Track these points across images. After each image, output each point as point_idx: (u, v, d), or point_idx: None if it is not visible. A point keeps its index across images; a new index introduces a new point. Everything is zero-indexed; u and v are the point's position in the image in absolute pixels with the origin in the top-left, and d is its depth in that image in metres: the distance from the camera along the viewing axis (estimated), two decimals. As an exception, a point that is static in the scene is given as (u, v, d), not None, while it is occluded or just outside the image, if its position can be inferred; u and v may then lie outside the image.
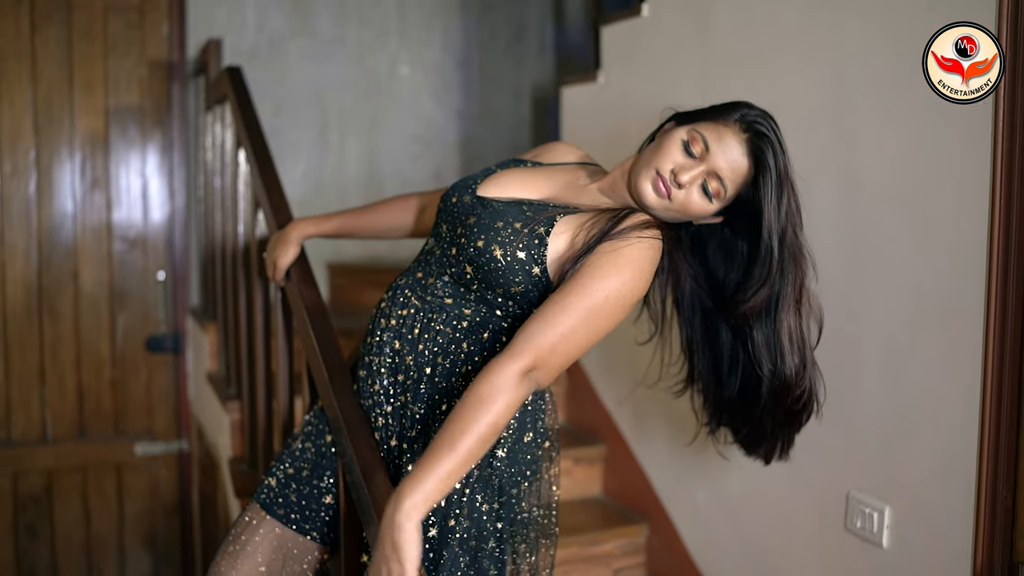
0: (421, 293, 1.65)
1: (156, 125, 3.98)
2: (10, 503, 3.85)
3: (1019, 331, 1.74)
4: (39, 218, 3.82)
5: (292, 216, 2.27)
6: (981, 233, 1.79)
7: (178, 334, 4.04)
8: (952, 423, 1.87)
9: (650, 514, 2.88)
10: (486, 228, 1.54)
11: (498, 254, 1.52)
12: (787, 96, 2.30)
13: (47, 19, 3.76)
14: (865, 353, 2.09)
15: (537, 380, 1.44)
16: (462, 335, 1.61)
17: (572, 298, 1.44)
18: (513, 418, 1.61)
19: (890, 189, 2.01)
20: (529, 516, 1.69)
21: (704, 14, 2.60)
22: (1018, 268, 1.73)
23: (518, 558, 1.69)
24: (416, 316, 1.64)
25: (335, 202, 4.11)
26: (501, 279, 1.53)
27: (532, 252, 1.52)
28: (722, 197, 1.53)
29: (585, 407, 3.22)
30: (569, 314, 1.43)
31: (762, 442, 1.81)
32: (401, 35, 4.31)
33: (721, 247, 1.67)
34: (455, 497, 1.58)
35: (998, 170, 1.75)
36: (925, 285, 1.93)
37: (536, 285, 1.54)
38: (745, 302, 1.58)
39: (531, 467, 1.66)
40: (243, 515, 1.81)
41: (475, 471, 1.59)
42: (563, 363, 1.46)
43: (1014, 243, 1.73)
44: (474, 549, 1.60)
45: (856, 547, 2.12)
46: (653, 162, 1.53)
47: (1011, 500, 1.77)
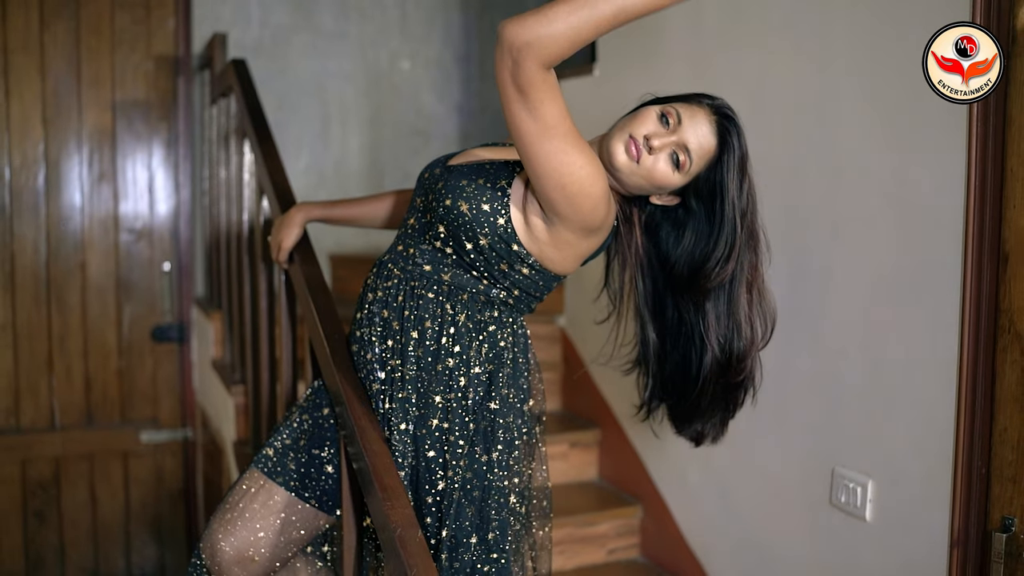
0: (403, 264, 1.75)
1: (162, 119, 4.05)
2: (19, 489, 3.92)
3: (993, 308, 1.81)
4: (48, 210, 3.90)
5: (296, 201, 2.35)
6: (957, 215, 1.86)
7: (183, 324, 4.12)
8: (930, 398, 1.95)
9: (644, 496, 2.95)
10: (452, 187, 1.64)
11: (464, 208, 1.62)
12: (774, 82, 2.38)
13: (56, 14, 3.84)
14: (848, 331, 2.16)
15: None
16: (444, 297, 1.70)
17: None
18: (506, 379, 1.71)
19: (870, 171, 2.09)
20: (524, 475, 1.78)
21: (696, 7, 2.67)
22: (991, 248, 1.81)
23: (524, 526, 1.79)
24: (400, 285, 1.73)
25: (336, 194, 4.18)
26: (469, 232, 1.63)
27: (495, 204, 1.62)
28: (686, 170, 1.62)
29: (581, 393, 3.29)
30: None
31: (695, 419, 1.87)
32: (402, 30, 4.38)
33: (674, 228, 1.75)
34: (459, 451, 1.67)
35: (973, 153, 1.82)
36: (903, 264, 2.01)
37: (502, 237, 1.63)
38: (709, 277, 1.67)
39: (519, 417, 1.75)
40: (239, 483, 1.85)
41: (472, 425, 1.68)
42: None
43: (988, 225, 1.81)
44: (479, 500, 1.68)
45: (841, 521, 2.20)
46: (628, 127, 1.62)
47: (985, 471, 1.84)
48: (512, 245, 1.63)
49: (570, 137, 1.48)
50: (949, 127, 1.87)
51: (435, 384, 1.70)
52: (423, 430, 1.70)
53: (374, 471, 1.62)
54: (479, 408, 1.70)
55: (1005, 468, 1.80)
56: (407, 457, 1.71)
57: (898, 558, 2.05)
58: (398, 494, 1.61)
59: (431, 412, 1.70)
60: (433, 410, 1.70)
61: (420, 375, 1.71)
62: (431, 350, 1.71)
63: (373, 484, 1.61)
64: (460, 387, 1.69)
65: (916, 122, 1.97)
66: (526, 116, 1.45)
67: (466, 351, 1.70)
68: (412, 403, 1.70)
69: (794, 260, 2.31)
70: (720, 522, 2.63)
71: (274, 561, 1.81)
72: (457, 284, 1.70)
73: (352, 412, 1.71)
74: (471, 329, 1.70)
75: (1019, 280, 1.76)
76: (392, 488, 1.61)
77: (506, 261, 1.65)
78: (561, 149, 1.47)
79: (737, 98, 2.47)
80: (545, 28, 1.36)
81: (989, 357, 1.83)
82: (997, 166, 1.79)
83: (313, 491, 1.81)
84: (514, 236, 1.63)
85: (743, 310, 1.72)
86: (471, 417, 1.70)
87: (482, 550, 1.69)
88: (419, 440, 1.70)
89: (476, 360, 1.70)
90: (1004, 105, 1.78)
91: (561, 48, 1.38)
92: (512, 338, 1.75)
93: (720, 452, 2.58)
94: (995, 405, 1.82)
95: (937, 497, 1.94)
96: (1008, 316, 1.78)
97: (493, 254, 1.65)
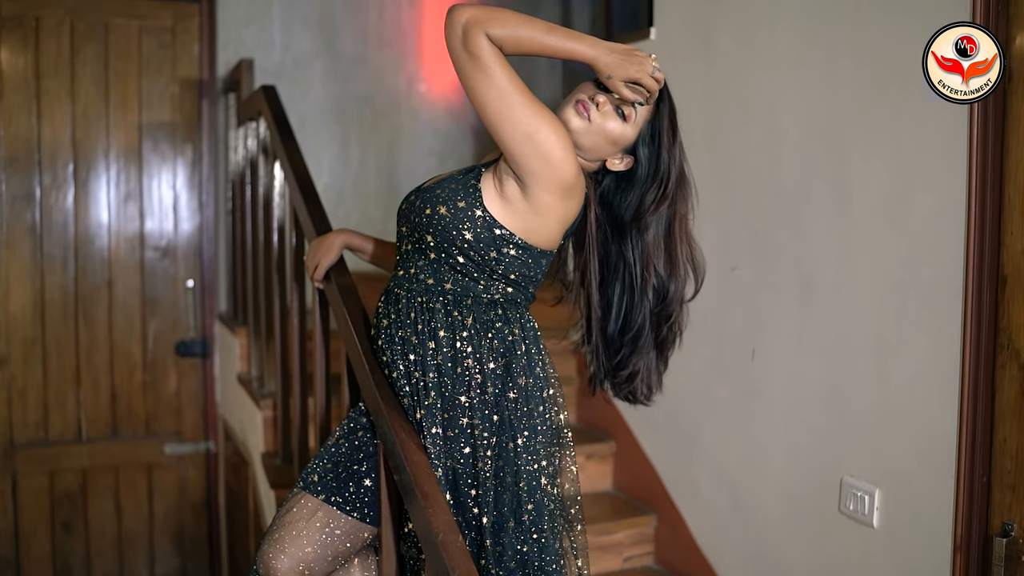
0: (408, 284, 1.88)
1: (186, 140, 4.19)
2: (47, 500, 4.04)
3: (992, 327, 1.94)
4: (76, 228, 4.03)
5: (330, 226, 2.47)
6: (959, 239, 1.99)
7: (206, 339, 4.24)
8: (934, 411, 2.07)
9: (658, 505, 3.06)
10: (428, 198, 1.81)
11: (443, 211, 1.77)
12: (784, 113, 2.50)
13: (86, 40, 3.98)
14: (855, 347, 2.28)
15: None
16: (451, 306, 1.84)
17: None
18: (521, 369, 1.85)
19: (877, 196, 2.21)
20: (554, 458, 1.90)
21: (708, 38, 2.80)
22: (991, 270, 1.93)
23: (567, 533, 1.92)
24: (409, 304, 1.87)
25: (355, 213, 4.31)
26: (453, 231, 1.77)
27: (469, 199, 1.77)
28: (633, 120, 1.78)
29: (596, 406, 3.41)
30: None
31: (632, 377, 2.01)
32: (419, 55, 4.52)
33: (623, 188, 1.90)
34: (488, 442, 1.81)
35: (972, 181, 1.95)
36: (908, 284, 2.13)
37: (485, 227, 1.77)
38: (648, 210, 1.84)
39: (541, 403, 1.88)
40: (286, 505, 1.95)
41: (496, 416, 1.82)
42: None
43: (987, 249, 1.93)
44: (512, 485, 1.81)
45: (849, 528, 2.31)
46: (573, 96, 1.80)
47: (987, 479, 1.96)
48: (495, 230, 1.77)
49: (527, 95, 1.67)
50: (950, 156, 2.00)
51: (458, 386, 1.82)
52: (454, 431, 1.82)
53: (415, 480, 1.73)
54: (500, 400, 1.83)
55: (1005, 476, 1.92)
56: (442, 459, 1.82)
57: (904, 563, 2.17)
58: (438, 501, 1.71)
59: (460, 412, 1.82)
60: (462, 410, 1.82)
61: (443, 380, 1.83)
62: (449, 356, 1.83)
63: (415, 492, 1.71)
64: (479, 384, 1.82)
65: (920, 150, 2.09)
66: (482, 79, 1.64)
67: (479, 350, 1.82)
68: (439, 407, 1.83)
69: (804, 279, 2.44)
70: (732, 530, 2.74)
71: (325, 574, 1.92)
72: (461, 291, 1.83)
73: (392, 423, 1.82)
74: (479, 329, 1.83)
75: (1017, 301, 1.88)
76: (432, 496, 1.72)
77: (494, 247, 1.79)
78: (522, 104, 1.66)
79: (752, 126, 2.60)
80: (497, 22, 1.64)
81: (989, 372, 1.95)
82: (995, 194, 1.92)
83: (355, 504, 1.92)
84: (495, 221, 1.77)
85: (679, 253, 1.88)
86: (493, 410, 1.82)
87: (520, 531, 1.82)
88: (451, 441, 1.82)
89: (489, 356, 1.83)
90: (1002, 137, 1.90)
91: (502, 39, 1.64)
92: (521, 331, 1.87)
93: (732, 463, 2.71)
94: (995, 417, 1.94)
95: (941, 504, 2.05)
96: (1007, 334, 1.91)
97: (480, 244, 1.78)
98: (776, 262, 2.55)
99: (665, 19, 3.04)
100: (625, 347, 1.96)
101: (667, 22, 3.03)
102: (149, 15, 4.08)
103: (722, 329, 2.76)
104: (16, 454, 3.98)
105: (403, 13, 4.48)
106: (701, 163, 2.82)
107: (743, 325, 2.68)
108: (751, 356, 2.63)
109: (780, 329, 2.54)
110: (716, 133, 2.77)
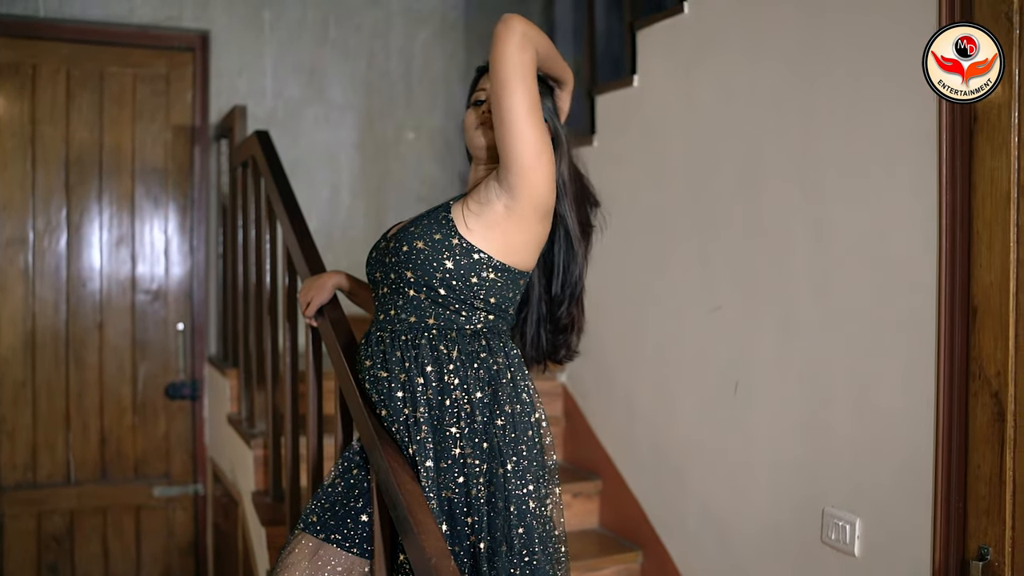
0: (390, 326, 1.95)
1: (178, 185, 4.26)
2: (34, 542, 4.04)
3: (964, 357, 2.01)
4: (68, 272, 4.08)
5: (324, 266, 2.54)
6: (931, 272, 2.07)
7: (196, 382, 4.28)
8: (911, 440, 2.13)
9: (644, 542, 3.10)
10: (402, 237, 1.90)
11: (420, 245, 1.86)
12: (763, 156, 2.60)
13: (82, 87, 4.07)
14: (836, 380, 2.35)
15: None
16: (436, 340, 1.90)
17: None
18: (508, 396, 1.92)
19: (853, 235, 2.30)
20: (540, 480, 1.96)
21: (690, 85, 2.91)
22: (962, 302, 2.01)
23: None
24: (393, 344, 1.93)
25: (343, 256, 4.38)
26: (434, 262, 1.85)
27: (444, 230, 1.86)
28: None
29: (582, 446, 3.46)
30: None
31: (569, 331, 2.14)
32: (407, 103, 4.64)
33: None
34: (479, 470, 1.86)
35: (943, 218, 2.04)
36: (885, 318, 2.21)
37: (463, 253, 1.86)
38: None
39: (528, 429, 1.94)
40: (287, 546, 2.00)
41: (485, 444, 1.87)
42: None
43: (958, 282, 2.02)
44: (503, 511, 1.86)
45: (832, 558, 2.36)
46: (468, 128, 2.00)
47: (962, 505, 2.02)
48: (473, 255, 1.86)
49: (542, 118, 1.81)
50: (922, 195, 2.09)
51: (448, 418, 1.88)
52: (447, 461, 1.87)
53: (408, 508, 1.78)
54: (488, 427, 1.88)
55: (980, 502, 1.98)
56: (435, 490, 1.87)
57: (885, 590, 2.22)
58: (430, 528, 1.76)
59: (452, 443, 1.87)
60: (453, 440, 1.87)
61: (432, 413, 1.89)
62: (437, 389, 1.89)
63: (408, 520, 1.76)
64: (468, 414, 1.88)
65: (892, 189, 2.18)
66: (521, 87, 1.74)
67: (465, 380, 1.89)
68: (431, 440, 1.88)
69: (785, 315, 2.51)
70: (718, 563, 2.79)
71: None
72: (444, 324, 1.90)
73: (385, 453, 1.87)
74: (465, 361, 1.90)
75: (987, 330, 1.96)
76: (424, 523, 1.77)
77: (474, 272, 1.87)
78: (538, 124, 1.79)
79: (732, 169, 2.69)
80: (544, 44, 1.82)
81: (963, 401, 2.02)
82: (964, 229, 2.01)
83: (353, 540, 1.97)
84: (472, 246, 1.85)
85: (584, 181, 2.07)
86: (483, 438, 1.88)
87: (512, 554, 1.86)
88: (445, 472, 1.87)
89: (476, 386, 1.89)
90: (969, 174, 1.99)
91: (540, 59, 1.83)
92: (505, 359, 1.94)
93: (718, 497, 2.76)
94: (969, 445, 2.01)
95: (920, 531, 2.11)
96: (978, 363, 1.98)
97: (460, 271, 1.86)
98: (757, 300, 2.63)
99: (647, 67, 3.15)
100: (565, 300, 2.09)
101: (649, 70, 3.14)
102: (144, 63, 4.18)
103: (706, 367, 2.83)
104: (3, 496, 3.98)
105: (391, 62, 4.60)
106: (684, 206, 2.92)
107: (727, 362, 2.75)
108: (734, 390, 2.70)
109: (762, 365, 2.61)
110: (698, 177, 2.87)
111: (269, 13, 4.33)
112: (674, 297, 2.97)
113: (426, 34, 4.67)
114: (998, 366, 1.95)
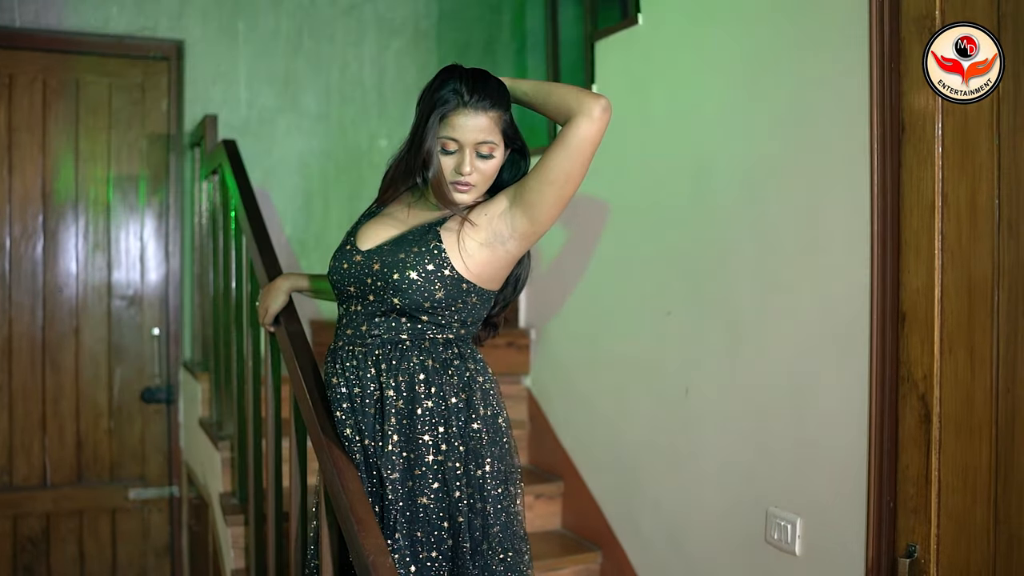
0: (360, 342, 1.99)
1: (154, 192, 4.32)
2: (9, 545, 4.09)
3: (895, 361, 2.08)
4: (45, 278, 4.14)
5: (282, 271, 2.59)
6: (864, 279, 2.14)
7: (171, 386, 4.33)
8: (848, 442, 2.20)
9: (603, 543, 3.16)
10: (392, 264, 1.92)
11: (414, 275, 1.89)
12: (712, 167, 2.66)
13: (58, 96, 4.13)
14: (779, 385, 2.42)
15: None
16: (408, 351, 1.95)
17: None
18: (481, 399, 1.98)
19: (793, 244, 2.37)
20: (513, 478, 2.03)
21: (645, 97, 2.97)
22: (892, 307, 2.08)
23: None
24: (365, 360, 1.98)
25: (317, 263, 4.44)
26: (425, 292, 1.89)
27: (437, 261, 1.90)
28: (497, 147, 1.93)
29: (546, 449, 3.52)
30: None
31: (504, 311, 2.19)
32: (380, 112, 4.70)
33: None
34: (458, 472, 1.92)
35: (874, 227, 2.10)
36: (823, 324, 2.27)
37: (454, 284, 1.91)
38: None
39: (500, 429, 2.01)
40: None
41: (462, 448, 1.93)
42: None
43: (888, 288, 2.08)
44: (482, 511, 1.94)
45: (775, 556, 2.42)
46: (441, 179, 1.90)
47: (892, 504, 2.09)
48: (462, 285, 1.92)
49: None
50: (855, 204, 2.16)
51: (420, 426, 1.92)
52: (421, 468, 1.92)
53: (350, 506, 1.83)
54: (464, 431, 1.95)
55: (908, 501, 2.05)
56: (404, 501, 1.92)
57: (824, 588, 2.28)
58: (370, 526, 1.81)
59: (425, 451, 1.92)
60: (427, 448, 1.92)
61: (402, 423, 1.94)
62: (408, 398, 1.94)
63: (350, 518, 1.82)
64: (444, 419, 1.93)
65: (828, 199, 2.25)
66: (589, 156, 1.82)
67: (441, 388, 1.94)
68: (399, 451, 1.93)
69: (731, 322, 2.58)
70: (671, 563, 2.85)
71: None
72: (416, 337, 1.95)
73: (331, 454, 1.93)
74: (439, 368, 1.95)
75: (914, 335, 2.03)
76: (365, 521, 1.82)
77: (460, 299, 1.93)
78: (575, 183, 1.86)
79: (683, 179, 2.76)
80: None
81: (893, 404, 2.09)
82: (895, 237, 2.07)
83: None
84: (460, 277, 1.91)
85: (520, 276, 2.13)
86: (460, 441, 1.94)
87: (492, 552, 1.94)
88: (419, 479, 1.92)
89: (451, 391, 1.95)
90: (898, 185, 2.06)
91: None
92: (475, 364, 2.01)
93: (669, 500, 2.82)
94: (899, 446, 2.08)
95: (855, 530, 2.17)
96: (907, 367, 2.05)
97: (449, 300, 1.92)
98: (706, 307, 2.69)
99: (606, 78, 3.21)
100: (508, 304, 2.16)
101: (608, 82, 3.20)
102: (120, 72, 4.24)
103: (659, 370, 2.89)
104: (-20, 499, 4.04)
105: (364, 71, 4.67)
106: (640, 214, 2.98)
107: (678, 366, 2.81)
108: (685, 393, 2.76)
109: (711, 370, 2.67)
110: (652, 187, 2.93)
111: (243, 23, 4.40)
112: (630, 302, 3.04)
113: (399, 44, 4.74)
114: (924, 370, 2.01)
